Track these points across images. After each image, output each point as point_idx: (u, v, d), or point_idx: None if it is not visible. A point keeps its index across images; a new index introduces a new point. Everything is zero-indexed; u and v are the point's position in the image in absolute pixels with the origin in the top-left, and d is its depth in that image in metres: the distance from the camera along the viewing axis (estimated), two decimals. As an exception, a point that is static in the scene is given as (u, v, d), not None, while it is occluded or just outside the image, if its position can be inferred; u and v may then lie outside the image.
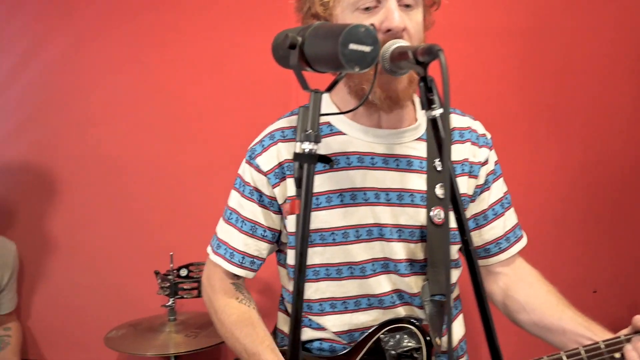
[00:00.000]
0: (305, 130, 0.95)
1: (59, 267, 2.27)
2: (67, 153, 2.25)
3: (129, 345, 1.91)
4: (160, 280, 1.99)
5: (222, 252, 1.38)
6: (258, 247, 1.36)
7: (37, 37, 2.25)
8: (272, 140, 1.33)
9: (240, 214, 1.36)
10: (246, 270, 1.37)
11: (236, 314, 1.34)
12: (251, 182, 1.34)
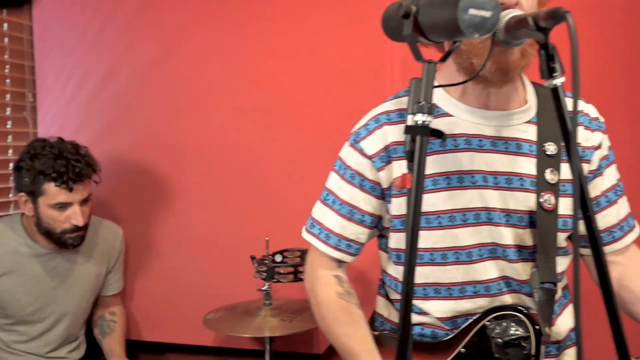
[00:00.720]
0: (417, 101, 0.93)
1: (161, 252, 2.35)
2: (166, 145, 2.33)
3: (226, 326, 1.94)
4: (257, 265, 2.01)
5: (316, 231, 1.36)
6: (355, 231, 1.34)
7: (129, 39, 2.35)
8: (378, 123, 1.30)
9: (339, 196, 1.34)
10: (342, 253, 1.35)
11: (336, 309, 1.32)
12: (353, 166, 1.32)
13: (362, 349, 1.23)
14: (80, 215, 1.94)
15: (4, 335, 2.04)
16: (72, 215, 1.94)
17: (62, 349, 2.12)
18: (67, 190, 1.90)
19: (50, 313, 2.07)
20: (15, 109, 2.41)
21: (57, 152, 1.91)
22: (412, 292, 0.91)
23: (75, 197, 1.92)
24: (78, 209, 1.94)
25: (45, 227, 1.96)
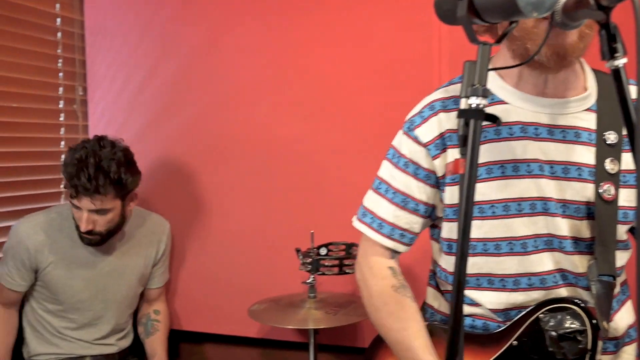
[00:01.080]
0: (471, 84, 0.91)
1: (206, 245, 2.37)
2: (211, 137, 2.34)
3: (271, 317, 1.95)
4: (301, 257, 2.01)
5: (369, 220, 1.35)
6: (409, 220, 1.31)
7: (175, 32, 2.36)
8: (433, 110, 1.28)
9: (391, 184, 1.32)
10: (396, 243, 1.32)
11: (392, 303, 1.29)
12: (407, 154, 1.30)
13: (419, 344, 1.21)
14: (84, 221, 1.94)
15: (56, 321, 2.08)
16: (80, 219, 1.97)
17: (111, 337, 2.15)
18: (74, 198, 1.93)
19: (99, 302, 2.11)
20: (67, 102, 2.47)
21: (79, 157, 1.92)
22: (465, 276, 0.88)
23: (82, 204, 1.93)
24: (84, 216, 1.94)
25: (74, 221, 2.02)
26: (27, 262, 2.01)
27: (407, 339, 1.23)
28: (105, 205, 1.94)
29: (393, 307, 1.28)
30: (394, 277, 1.32)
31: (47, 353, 2.08)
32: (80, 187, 1.89)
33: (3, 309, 2.05)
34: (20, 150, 2.24)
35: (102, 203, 1.93)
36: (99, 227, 1.97)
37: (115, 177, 1.92)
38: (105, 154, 1.93)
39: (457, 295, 0.91)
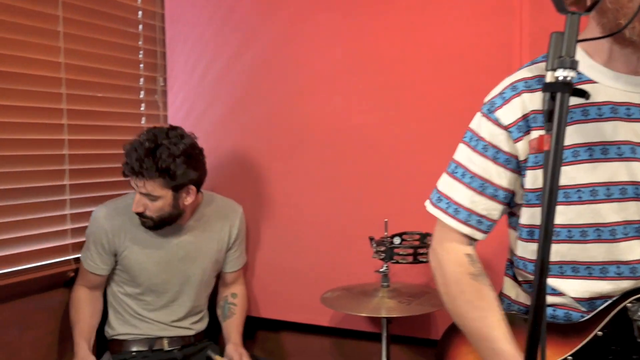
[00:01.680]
0: (559, 55, 0.87)
1: (280, 232, 2.38)
2: (287, 126, 2.35)
3: (343, 305, 1.94)
4: (375, 245, 1.99)
5: (444, 206, 1.30)
6: (487, 206, 1.26)
7: (252, 23, 2.38)
8: (515, 91, 1.23)
9: (469, 169, 1.27)
10: (472, 229, 1.28)
11: (469, 292, 1.25)
12: (487, 137, 1.25)
13: (498, 334, 1.17)
14: (135, 202, 2.01)
15: (134, 303, 2.15)
16: (133, 200, 2.03)
17: (187, 319, 2.21)
18: (125, 177, 2.00)
19: (175, 285, 2.17)
20: (148, 93, 2.54)
21: (137, 142, 1.98)
22: (548, 258, 0.84)
23: (134, 185, 1.99)
24: (137, 198, 2.00)
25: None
26: (106, 246, 2.08)
27: (485, 328, 1.19)
28: (153, 192, 1.97)
29: (470, 296, 1.24)
30: (471, 264, 1.27)
31: (127, 333, 2.15)
32: (127, 167, 1.95)
33: (88, 291, 2.14)
34: (103, 138, 2.33)
35: (148, 188, 1.97)
36: (149, 212, 2.02)
37: (164, 166, 1.94)
38: (165, 142, 1.97)
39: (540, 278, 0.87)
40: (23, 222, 2.03)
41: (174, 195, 2.02)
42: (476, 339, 1.21)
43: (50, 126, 2.12)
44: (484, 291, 1.24)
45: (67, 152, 2.16)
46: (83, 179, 2.24)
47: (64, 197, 2.16)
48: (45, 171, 2.10)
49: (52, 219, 2.13)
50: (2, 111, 1.95)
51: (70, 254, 2.18)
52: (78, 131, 2.20)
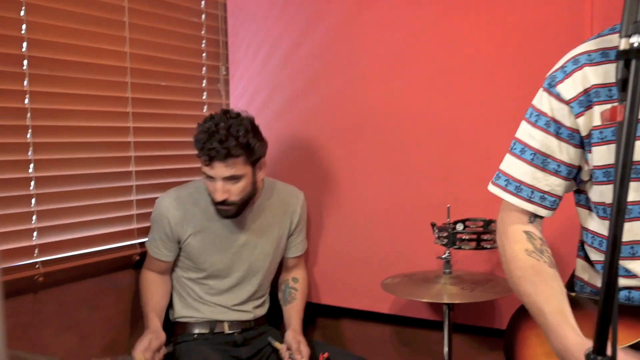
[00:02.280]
0: (634, 21, 0.82)
1: (341, 219, 2.38)
2: (348, 113, 2.34)
3: (404, 290, 1.92)
4: (437, 231, 1.95)
5: (503, 183, 1.28)
6: (550, 182, 1.23)
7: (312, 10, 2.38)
8: (577, 65, 1.19)
9: (531, 145, 1.24)
10: (536, 206, 1.25)
11: (525, 267, 1.22)
12: (548, 112, 1.22)
13: (550, 309, 1.14)
14: (220, 191, 2.00)
15: (197, 287, 2.19)
16: (215, 190, 2.02)
17: (248, 304, 2.23)
18: (207, 166, 1.99)
19: (238, 270, 2.19)
20: (210, 82, 2.58)
21: (208, 127, 1.98)
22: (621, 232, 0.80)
23: (216, 173, 1.98)
24: (219, 185, 2.00)
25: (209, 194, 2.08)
26: (169, 234, 2.13)
27: (539, 303, 1.17)
28: (238, 171, 1.99)
29: (527, 272, 1.22)
30: (528, 240, 1.25)
31: (189, 316, 2.20)
32: (213, 152, 1.95)
33: (158, 275, 2.19)
34: (166, 126, 2.38)
35: (234, 168, 1.98)
36: (233, 196, 2.02)
37: (244, 141, 1.97)
38: (233, 121, 2.00)
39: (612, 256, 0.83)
40: (92, 206, 2.09)
41: (253, 171, 2.05)
42: (533, 314, 1.19)
43: (117, 114, 2.18)
44: (540, 267, 1.21)
45: (132, 139, 2.21)
46: (148, 166, 2.29)
47: (130, 183, 2.22)
48: (112, 158, 2.17)
49: (119, 204, 2.19)
50: (72, 99, 2.02)
51: (135, 238, 2.24)
52: (142, 119, 2.26)
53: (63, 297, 2.01)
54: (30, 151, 1.90)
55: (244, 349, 2.19)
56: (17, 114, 1.87)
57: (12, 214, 1.86)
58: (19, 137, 1.88)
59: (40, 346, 1.93)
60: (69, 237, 2.02)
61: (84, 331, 2.08)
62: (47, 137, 1.95)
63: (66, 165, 2.01)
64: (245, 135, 1.98)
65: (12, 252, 1.86)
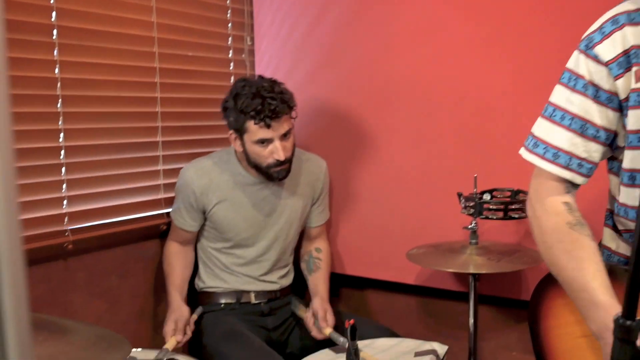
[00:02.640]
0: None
1: (366, 189, 2.38)
2: (374, 81, 2.32)
3: (430, 261, 1.92)
4: (463, 201, 1.94)
5: (541, 151, 1.24)
6: (588, 148, 1.20)
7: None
8: (616, 25, 1.15)
9: (568, 110, 1.21)
10: (573, 174, 1.22)
11: (567, 241, 1.19)
12: (586, 75, 1.18)
13: (597, 285, 1.11)
14: (282, 150, 2.02)
15: (224, 257, 2.21)
16: (274, 151, 2.02)
17: (273, 273, 2.25)
18: (266, 128, 1.99)
19: (262, 239, 2.21)
20: (236, 52, 2.58)
21: (255, 90, 1.99)
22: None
23: (274, 133, 2.00)
24: (279, 144, 2.01)
25: (253, 162, 2.08)
26: (194, 204, 2.14)
27: (583, 278, 1.13)
28: (289, 125, 2.05)
29: (568, 245, 1.18)
30: (569, 213, 1.21)
31: (216, 286, 2.22)
32: (273, 113, 1.97)
33: (180, 246, 2.22)
34: (193, 96, 2.39)
35: (287, 123, 2.03)
36: (289, 152, 2.07)
37: (287, 97, 2.03)
38: (265, 80, 2.05)
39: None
40: (120, 176, 2.12)
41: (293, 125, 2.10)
42: (573, 289, 1.16)
43: (144, 84, 2.19)
44: (583, 240, 1.18)
45: (159, 109, 2.23)
46: (175, 136, 2.30)
47: (156, 154, 2.24)
48: (140, 128, 2.19)
49: (146, 174, 2.22)
50: (99, 69, 2.03)
51: (163, 207, 2.27)
52: (169, 89, 2.27)
53: (92, 265, 2.05)
54: (60, 121, 1.92)
55: (270, 318, 2.21)
56: (48, 83, 1.89)
57: (43, 182, 1.90)
58: (50, 106, 1.90)
59: (71, 312, 1.98)
60: (98, 206, 2.05)
61: (112, 298, 2.12)
62: (77, 107, 1.97)
63: (95, 134, 2.04)
64: (285, 91, 2.04)
65: (43, 219, 1.89)
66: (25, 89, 1.83)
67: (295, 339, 2.21)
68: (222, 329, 2.08)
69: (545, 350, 1.32)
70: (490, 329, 2.22)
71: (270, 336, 2.17)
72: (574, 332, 1.23)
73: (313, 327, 2.09)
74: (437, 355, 1.85)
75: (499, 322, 2.22)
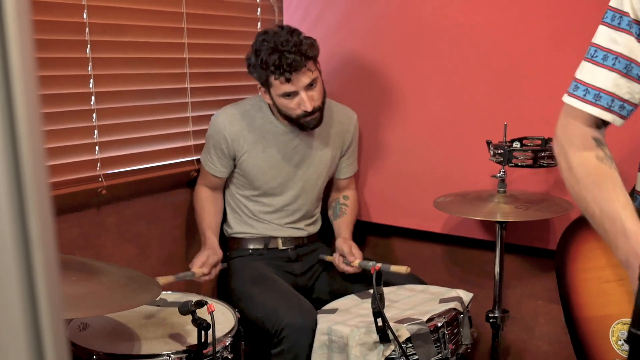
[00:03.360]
0: None
1: (394, 136, 2.36)
2: (404, 28, 2.27)
3: (456, 209, 1.92)
4: (492, 149, 1.92)
5: (581, 94, 1.21)
6: (631, 89, 1.17)
7: None
8: None
9: (613, 50, 1.17)
10: (614, 115, 1.19)
11: (597, 174, 1.18)
12: (631, 13, 1.14)
13: (629, 214, 1.11)
14: (308, 101, 2.01)
15: (252, 205, 2.24)
16: (301, 103, 2.02)
17: (301, 222, 2.28)
18: (287, 82, 1.98)
19: (290, 188, 2.22)
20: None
21: (273, 45, 1.97)
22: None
23: (297, 85, 1.99)
24: (304, 96, 2.00)
25: (284, 113, 2.09)
26: (225, 150, 2.16)
27: (613, 208, 1.13)
28: (314, 74, 2.03)
29: (597, 178, 1.18)
30: (599, 147, 1.20)
31: (244, 232, 2.26)
32: (292, 65, 1.96)
33: (210, 191, 2.25)
34: (220, 42, 2.37)
35: (311, 72, 2.01)
36: (317, 101, 2.05)
37: (309, 42, 2.01)
38: (285, 32, 2.01)
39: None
40: (150, 122, 2.14)
41: (319, 71, 2.09)
42: (602, 221, 1.15)
43: (172, 29, 2.18)
44: (611, 174, 1.17)
45: (187, 55, 2.22)
46: (203, 83, 2.31)
47: (185, 100, 2.25)
48: (168, 74, 2.19)
49: (175, 120, 2.23)
50: (129, 14, 2.03)
51: (192, 155, 2.29)
52: (197, 35, 2.26)
53: (124, 210, 2.10)
54: (89, 67, 1.93)
55: (297, 264, 2.25)
56: (76, 28, 1.89)
57: (75, 128, 1.93)
58: (79, 52, 1.91)
59: (103, 255, 2.03)
60: (129, 152, 2.08)
61: (143, 243, 2.17)
62: (106, 53, 1.98)
63: (124, 81, 2.05)
64: (305, 37, 2.02)
65: (77, 165, 1.93)
66: (54, 34, 1.84)
67: (322, 285, 2.25)
68: (250, 273, 2.12)
69: (571, 293, 1.32)
70: (516, 277, 2.23)
71: (297, 282, 2.21)
72: (600, 277, 1.22)
73: (341, 264, 2.12)
74: (462, 302, 1.87)
75: (525, 271, 2.22)
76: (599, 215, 1.16)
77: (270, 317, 1.89)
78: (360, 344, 1.69)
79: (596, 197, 1.16)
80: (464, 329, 1.84)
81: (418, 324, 1.70)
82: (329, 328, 1.78)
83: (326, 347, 1.79)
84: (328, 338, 1.78)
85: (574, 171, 1.21)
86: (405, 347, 1.66)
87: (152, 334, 1.70)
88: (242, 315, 1.82)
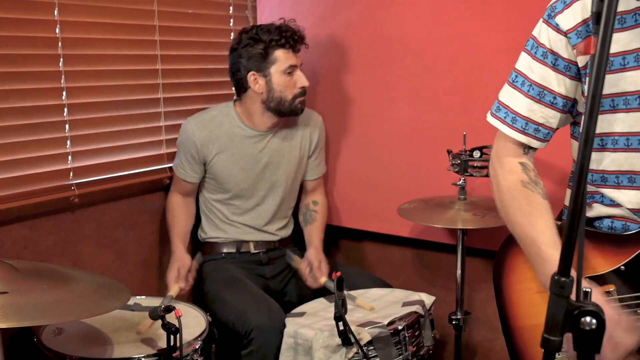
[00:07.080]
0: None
1: (360, 143, 2.43)
2: (371, 36, 2.34)
3: (419, 216, 1.99)
4: (451, 158, 1.99)
5: (502, 115, 1.30)
6: (544, 114, 1.25)
7: None
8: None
9: (528, 77, 1.26)
10: (529, 138, 1.28)
11: (519, 198, 1.26)
12: (546, 44, 1.22)
13: (544, 240, 1.18)
14: (304, 77, 2.18)
15: (224, 208, 2.31)
16: (299, 79, 2.18)
17: (272, 224, 2.34)
18: (294, 53, 2.16)
19: (261, 190, 2.30)
20: (237, 8, 2.60)
21: (271, 27, 2.17)
22: (588, 164, 0.83)
23: (298, 60, 2.19)
24: (299, 73, 2.18)
25: (278, 98, 2.18)
26: (195, 155, 2.23)
27: (532, 233, 1.20)
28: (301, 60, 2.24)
29: (521, 202, 1.25)
30: (524, 172, 1.28)
31: (217, 237, 2.33)
32: (298, 35, 2.20)
33: (182, 198, 2.31)
34: (193, 54, 2.43)
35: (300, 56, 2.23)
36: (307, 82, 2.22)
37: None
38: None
39: (579, 184, 0.86)
40: (123, 132, 2.20)
41: None
42: (524, 244, 1.23)
43: (145, 42, 2.24)
44: (534, 198, 1.24)
45: (160, 67, 2.28)
46: (175, 93, 2.37)
47: (158, 110, 2.31)
48: (141, 85, 2.25)
49: (148, 130, 2.29)
50: (101, 28, 2.09)
51: (165, 162, 2.35)
52: (170, 47, 2.32)
53: (100, 217, 2.16)
54: (62, 79, 1.99)
55: (268, 267, 2.31)
56: (49, 43, 1.95)
57: (48, 139, 1.98)
58: (52, 65, 1.97)
59: (80, 261, 2.09)
60: (102, 161, 2.14)
61: (120, 249, 2.23)
62: (78, 66, 2.04)
63: (97, 92, 2.11)
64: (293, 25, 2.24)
65: (49, 174, 1.99)
66: (28, 48, 1.90)
67: (293, 288, 2.32)
68: (222, 276, 2.19)
69: (507, 304, 1.39)
70: (482, 280, 2.30)
71: (268, 284, 2.28)
72: (532, 288, 1.30)
73: (309, 277, 2.19)
74: (424, 305, 1.94)
75: (488, 274, 2.28)
76: (523, 238, 1.23)
77: (240, 319, 1.96)
78: (324, 347, 1.75)
79: (519, 221, 1.24)
80: (425, 332, 1.91)
81: (379, 327, 1.77)
82: (295, 331, 1.85)
83: (292, 350, 1.85)
84: (294, 341, 1.85)
85: (502, 195, 1.29)
86: (366, 350, 1.73)
87: (125, 338, 1.75)
88: (214, 318, 1.89)
